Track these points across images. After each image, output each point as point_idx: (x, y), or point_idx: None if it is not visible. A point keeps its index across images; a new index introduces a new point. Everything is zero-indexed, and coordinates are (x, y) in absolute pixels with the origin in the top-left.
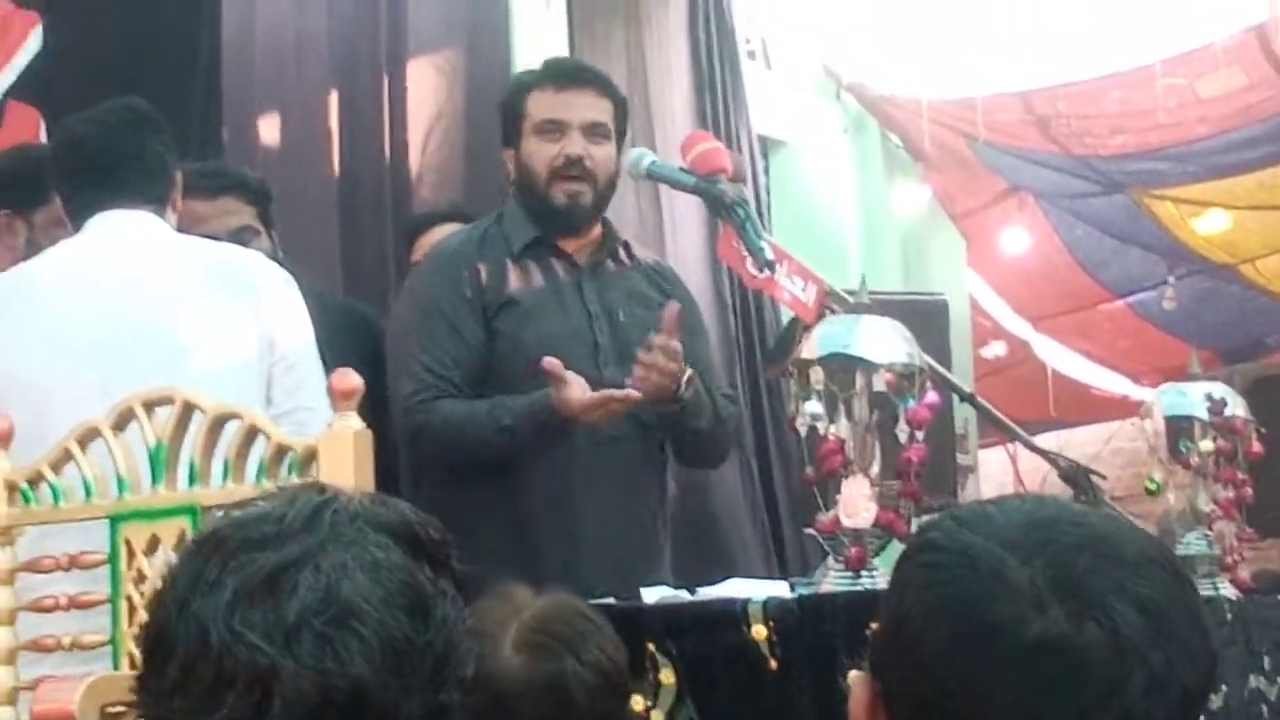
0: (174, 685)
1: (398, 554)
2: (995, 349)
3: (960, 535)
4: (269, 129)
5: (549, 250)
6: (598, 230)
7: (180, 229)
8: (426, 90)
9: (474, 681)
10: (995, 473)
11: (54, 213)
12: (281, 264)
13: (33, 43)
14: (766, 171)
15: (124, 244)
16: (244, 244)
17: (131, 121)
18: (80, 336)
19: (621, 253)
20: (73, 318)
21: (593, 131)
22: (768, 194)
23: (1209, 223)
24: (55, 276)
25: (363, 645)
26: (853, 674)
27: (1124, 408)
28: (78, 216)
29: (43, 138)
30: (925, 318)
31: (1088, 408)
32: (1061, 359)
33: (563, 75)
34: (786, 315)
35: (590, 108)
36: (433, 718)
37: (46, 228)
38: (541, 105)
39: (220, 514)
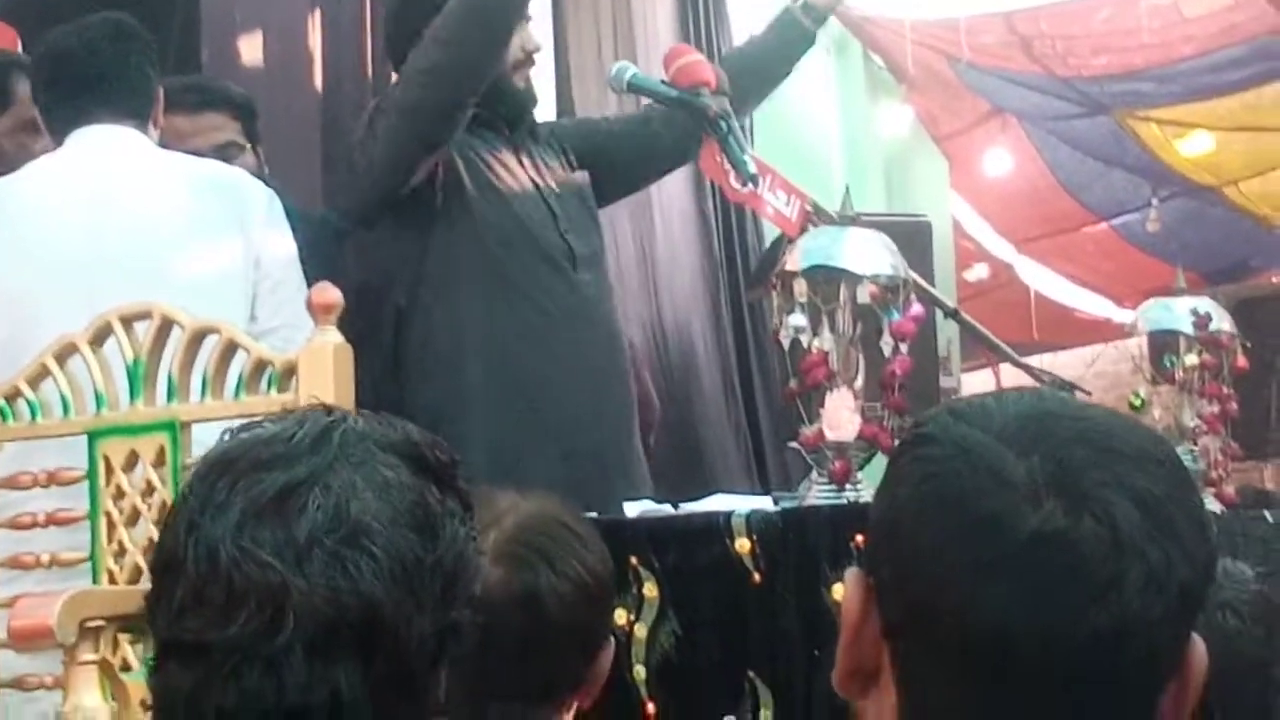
0: (184, 605)
1: (406, 473)
2: (978, 271)
3: (956, 428)
4: (249, 47)
5: (491, 131)
6: None
7: (163, 145)
8: None
9: None
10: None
11: (20, 117)
12: (266, 180)
13: None
14: None
15: (107, 158)
16: (228, 160)
17: (115, 36)
18: (64, 251)
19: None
20: (56, 232)
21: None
22: (750, 114)
23: (1193, 144)
24: (37, 190)
25: (373, 563)
26: (848, 571)
27: (1107, 330)
28: (59, 130)
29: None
30: (908, 239)
31: (1070, 330)
32: (1044, 281)
33: None
34: (769, 237)
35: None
36: (444, 635)
37: (12, 133)
38: None
39: (228, 436)
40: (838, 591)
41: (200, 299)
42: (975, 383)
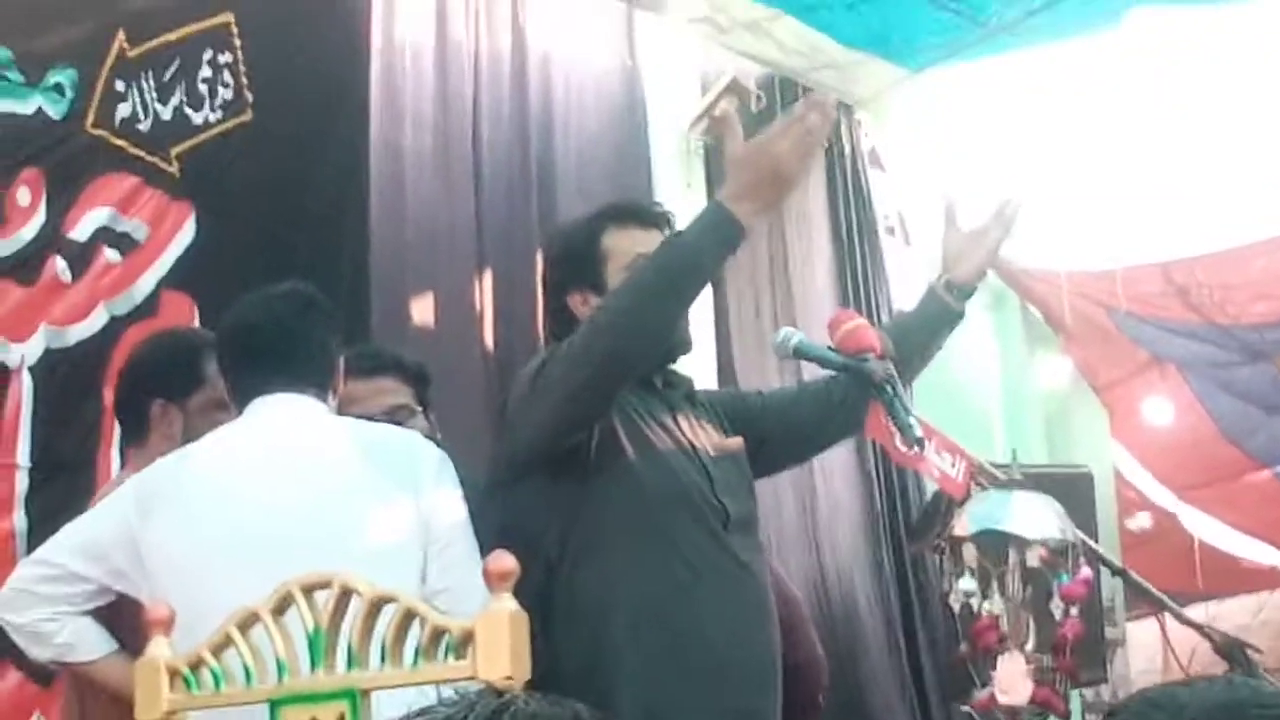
0: None
1: None
2: (1140, 520)
3: (1146, 712)
4: (419, 310)
5: (646, 389)
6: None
7: (338, 410)
8: None
9: None
10: (1143, 646)
11: (209, 397)
12: (438, 444)
13: (187, 232)
14: None
15: (283, 427)
16: (400, 423)
17: (299, 308)
18: (237, 524)
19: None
20: (230, 504)
21: None
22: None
23: None
24: (216, 461)
25: None
26: None
27: (1273, 578)
28: (241, 400)
29: (197, 324)
30: (1070, 489)
31: (1236, 579)
32: (1209, 530)
33: (644, 213)
34: (929, 490)
35: None
36: None
37: (203, 412)
38: (629, 242)
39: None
40: None
41: (374, 566)
42: (1140, 632)
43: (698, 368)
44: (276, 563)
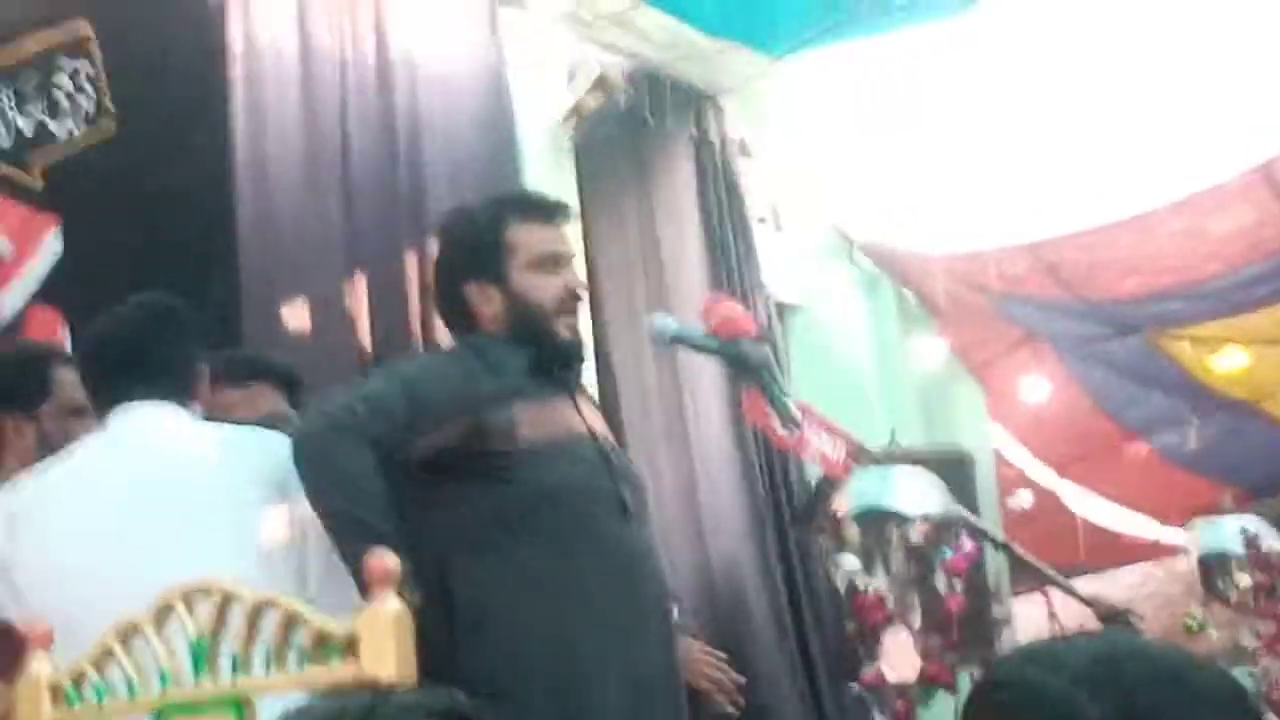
0: None
1: None
2: (1022, 498)
3: (1028, 672)
4: (293, 316)
5: (543, 376)
6: None
7: (211, 417)
8: None
9: None
10: (1029, 623)
11: (60, 405)
12: None
13: (52, 245)
14: (784, 335)
15: (144, 434)
16: (274, 429)
17: (154, 317)
18: (106, 531)
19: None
20: (97, 512)
21: (574, 264)
22: (786, 356)
23: (1227, 360)
24: (77, 474)
25: None
26: None
27: (1155, 551)
28: (102, 409)
29: (64, 338)
30: (950, 471)
31: (1118, 552)
32: (1089, 504)
33: (552, 209)
34: (812, 474)
35: (570, 240)
36: None
37: (56, 419)
38: (535, 239)
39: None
40: None
41: (246, 573)
42: (1026, 609)
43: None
44: (145, 575)
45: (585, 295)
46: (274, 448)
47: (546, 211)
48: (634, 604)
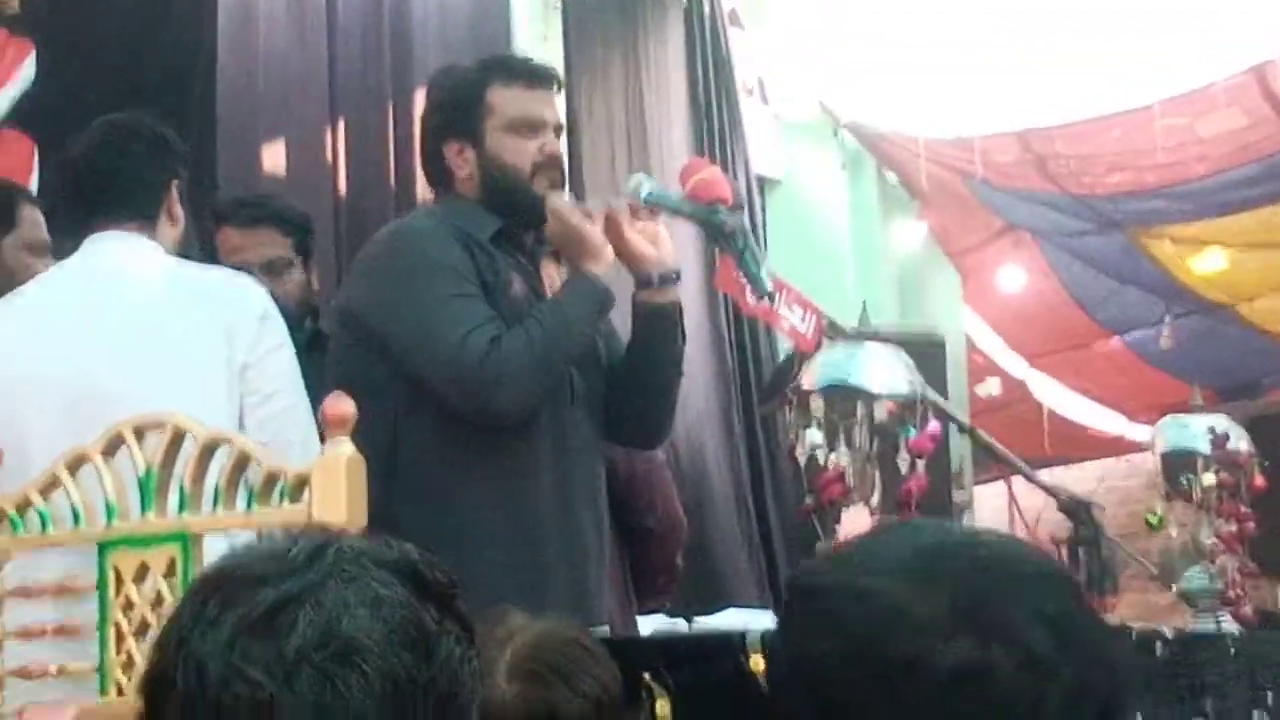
0: None
1: (401, 591)
2: (990, 386)
3: (846, 575)
4: (269, 156)
5: (513, 243)
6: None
7: (216, 258)
8: None
9: None
10: (990, 509)
11: (20, 239)
12: (313, 295)
13: (27, 70)
14: (764, 209)
15: (104, 269)
16: (277, 274)
17: (115, 139)
18: (47, 366)
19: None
20: (41, 348)
21: (558, 132)
22: (765, 231)
23: (1206, 262)
24: (34, 303)
25: (364, 681)
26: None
27: (1119, 446)
28: (72, 237)
29: (36, 164)
30: (921, 354)
31: (1082, 445)
32: (1057, 397)
33: (534, 74)
34: (782, 351)
35: (556, 109)
36: None
37: (15, 252)
38: (514, 102)
39: (225, 554)
40: None
41: (190, 410)
42: (987, 496)
43: None
44: (80, 405)
45: (563, 163)
46: (228, 291)
47: (530, 75)
48: (562, 495)
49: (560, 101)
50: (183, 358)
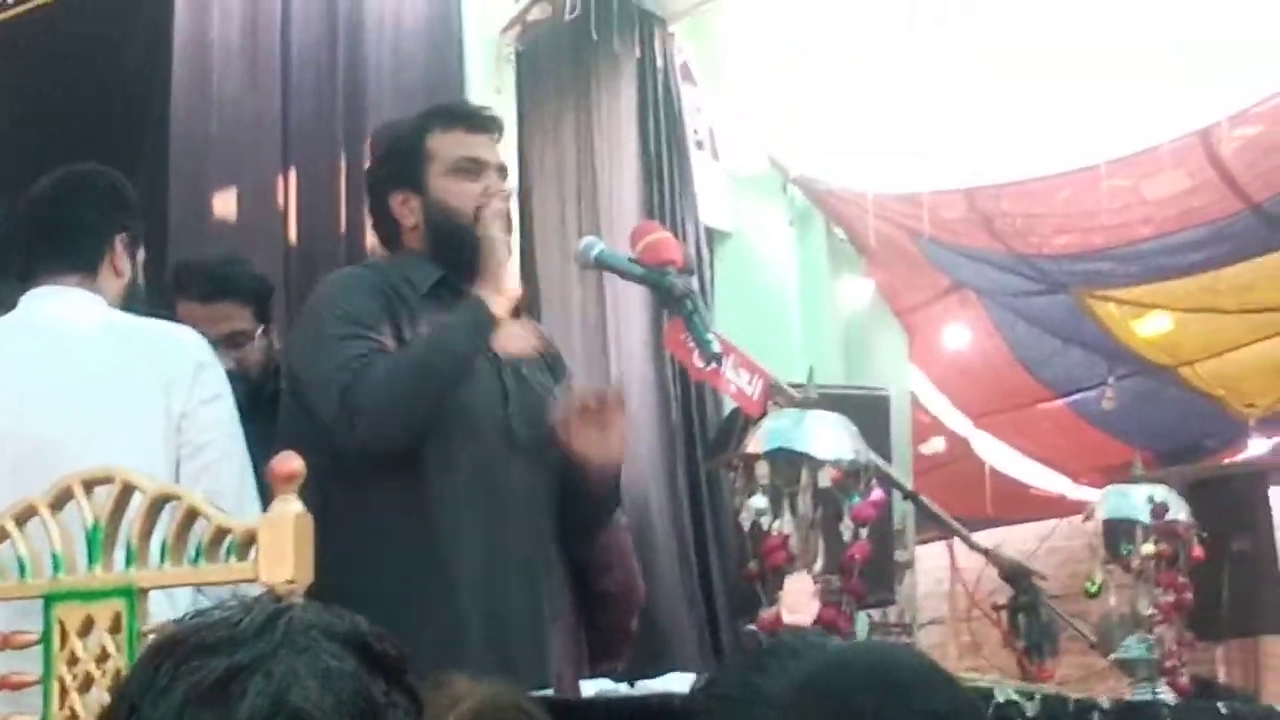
0: None
1: (350, 663)
2: (935, 445)
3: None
4: (221, 203)
5: (454, 293)
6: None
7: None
8: None
9: None
10: (932, 568)
11: None
12: (277, 361)
13: None
14: (711, 264)
15: (40, 325)
16: (239, 346)
17: (64, 190)
18: (6, 411)
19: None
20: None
21: (500, 176)
22: (712, 284)
23: (1150, 324)
24: None
25: None
26: None
27: (1061, 506)
28: (22, 282)
29: None
30: (866, 412)
31: (1025, 506)
32: (1000, 456)
33: (473, 118)
34: (728, 407)
35: (497, 152)
36: None
37: None
38: (454, 146)
39: (176, 621)
40: None
41: (130, 463)
42: (929, 554)
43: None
44: (23, 460)
45: (510, 203)
46: (166, 342)
47: (469, 119)
48: (497, 541)
49: (509, 149)
50: (122, 410)
